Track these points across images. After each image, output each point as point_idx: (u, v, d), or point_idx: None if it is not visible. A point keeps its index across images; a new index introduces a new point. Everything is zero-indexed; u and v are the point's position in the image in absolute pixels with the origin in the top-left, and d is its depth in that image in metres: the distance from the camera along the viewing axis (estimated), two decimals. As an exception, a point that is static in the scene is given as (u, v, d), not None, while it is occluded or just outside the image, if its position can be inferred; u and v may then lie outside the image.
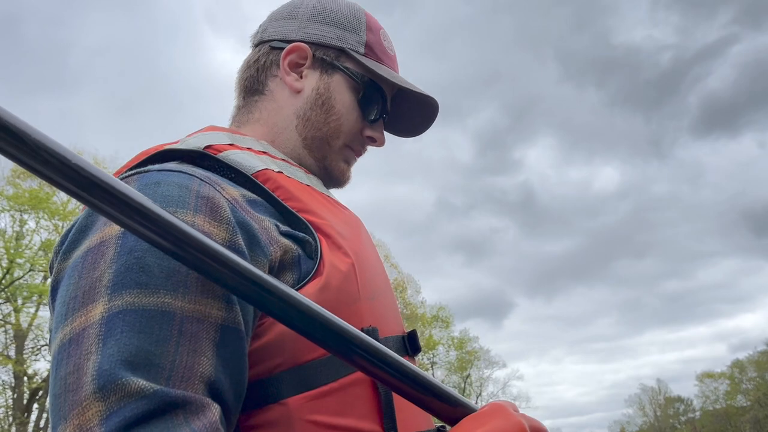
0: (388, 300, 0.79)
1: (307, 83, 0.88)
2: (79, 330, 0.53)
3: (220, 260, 0.50)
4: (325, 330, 0.53)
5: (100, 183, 0.42)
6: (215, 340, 0.56)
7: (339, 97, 0.88)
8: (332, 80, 0.88)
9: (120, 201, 0.44)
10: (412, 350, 0.79)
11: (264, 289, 0.52)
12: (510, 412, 0.58)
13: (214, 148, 0.75)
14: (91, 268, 0.56)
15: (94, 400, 0.48)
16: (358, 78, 0.88)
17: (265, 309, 0.53)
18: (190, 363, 0.53)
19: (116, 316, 0.52)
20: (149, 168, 0.65)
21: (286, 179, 0.75)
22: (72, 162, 0.41)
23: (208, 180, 0.64)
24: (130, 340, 0.51)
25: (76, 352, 0.52)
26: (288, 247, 0.66)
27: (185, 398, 0.51)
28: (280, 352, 0.61)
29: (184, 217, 0.59)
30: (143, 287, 0.54)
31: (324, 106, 0.87)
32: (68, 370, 0.51)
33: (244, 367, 0.58)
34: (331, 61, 0.88)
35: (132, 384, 0.49)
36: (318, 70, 0.89)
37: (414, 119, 0.99)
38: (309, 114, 0.87)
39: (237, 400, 0.58)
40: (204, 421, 0.51)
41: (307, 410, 0.61)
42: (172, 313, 0.54)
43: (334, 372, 0.63)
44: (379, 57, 0.91)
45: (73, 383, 0.50)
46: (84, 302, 0.54)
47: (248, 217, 0.64)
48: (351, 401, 0.64)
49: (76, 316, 0.54)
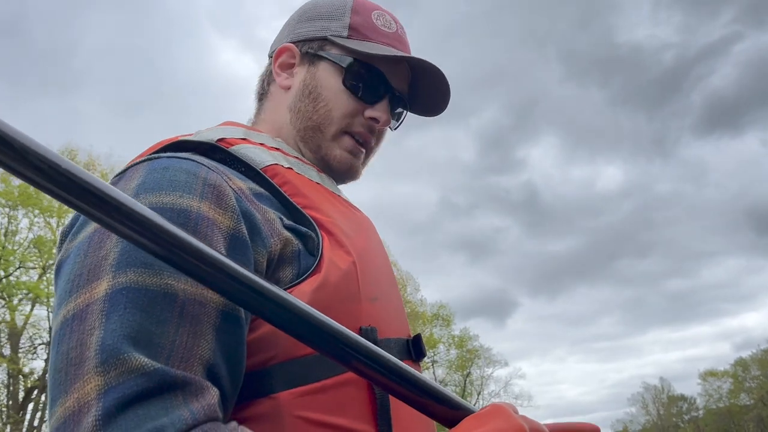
0: (393, 302, 0.79)
1: (296, 78, 0.91)
2: (83, 306, 0.54)
3: (210, 263, 0.49)
4: (312, 330, 0.52)
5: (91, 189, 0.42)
6: (215, 324, 0.56)
7: (325, 84, 0.88)
8: (317, 69, 0.90)
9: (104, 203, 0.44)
10: (416, 355, 0.79)
11: (253, 291, 0.50)
12: (510, 413, 0.58)
13: (227, 142, 0.77)
14: (98, 247, 0.57)
15: (94, 374, 0.49)
16: (339, 61, 0.88)
17: (256, 311, 0.52)
18: (189, 344, 0.54)
19: (120, 293, 0.53)
20: (160, 155, 0.66)
21: (294, 175, 0.77)
22: (62, 168, 0.41)
23: (215, 169, 0.65)
24: (132, 316, 0.52)
25: (79, 327, 0.52)
26: (289, 241, 0.67)
27: (185, 379, 0.51)
28: (273, 346, 0.61)
29: (191, 201, 0.60)
30: (148, 267, 0.55)
31: (311, 95, 0.89)
32: (71, 344, 0.52)
33: (242, 355, 0.59)
34: (314, 52, 0.90)
35: (133, 360, 0.49)
36: (306, 65, 0.91)
37: (432, 95, 0.96)
38: (299, 105, 0.89)
39: (234, 388, 0.58)
40: (203, 403, 0.51)
41: (297, 406, 0.60)
42: (174, 295, 0.54)
43: (329, 369, 0.63)
44: (366, 36, 0.89)
45: (75, 357, 0.51)
46: (89, 279, 0.55)
47: (252, 208, 0.65)
48: (344, 400, 0.64)
49: (81, 292, 0.55)
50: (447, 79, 0.93)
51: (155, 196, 0.59)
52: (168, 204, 0.58)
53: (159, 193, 0.59)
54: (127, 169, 0.65)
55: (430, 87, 0.94)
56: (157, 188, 0.60)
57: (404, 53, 0.90)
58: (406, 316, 0.85)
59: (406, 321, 0.83)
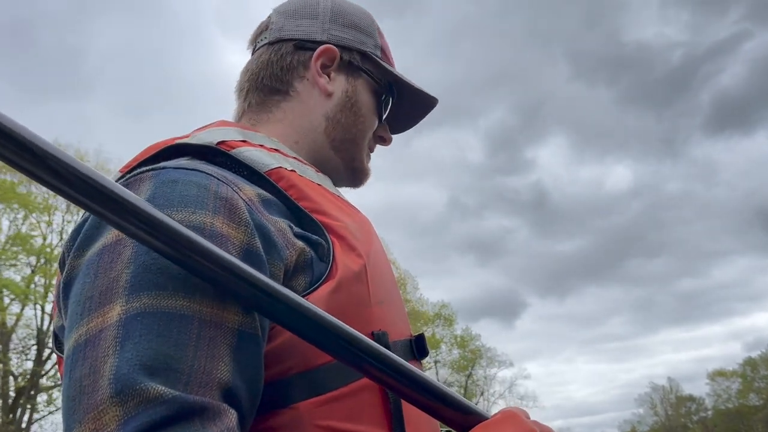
0: (397, 303, 0.81)
1: (337, 86, 0.92)
2: (95, 331, 0.53)
3: (230, 269, 0.51)
4: (330, 337, 0.54)
5: (110, 194, 0.43)
6: (233, 345, 0.56)
7: (364, 100, 0.94)
8: (358, 83, 0.93)
9: (126, 210, 0.45)
10: (419, 354, 0.80)
11: (272, 298, 0.52)
12: (522, 419, 0.59)
13: (227, 144, 0.75)
14: (108, 267, 0.56)
15: (111, 404, 0.49)
16: (380, 81, 0.95)
17: (274, 318, 0.54)
18: (208, 368, 0.54)
19: (134, 319, 0.53)
20: (164, 165, 0.65)
21: (298, 178, 0.77)
22: (80, 172, 0.42)
23: (225, 180, 0.65)
24: (149, 343, 0.52)
25: (92, 353, 0.52)
26: (302, 250, 0.67)
27: (203, 404, 0.51)
28: (291, 356, 0.62)
29: (203, 218, 0.59)
30: (161, 289, 0.54)
31: (353, 109, 0.93)
32: (84, 372, 0.52)
33: (260, 373, 0.59)
34: (357, 64, 0.93)
35: (150, 390, 0.49)
36: (344, 74, 0.93)
37: (410, 116, 1.05)
38: (339, 117, 0.92)
39: (252, 406, 0.59)
40: (221, 427, 0.52)
41: (317, 415, 0.62)
42: (190, 317, 0.54)
43: (345, 376, 0.64)
44: (390, 61, 0.98)
45: (89, 386, 0.51)
46: (101, 303, 0.55)
47: (265, 220, 0.65)
48: (361, 407, 0.65)
49: (93, 316, 0.54)
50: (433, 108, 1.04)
51: (167, 213, 0.58)
52: (180, 221, 0.58)
53: (170, 210, 0.58)
54: (130, 179, 0.64)
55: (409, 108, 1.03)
56: (168, 204, 0.59)
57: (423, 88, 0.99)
58: (407, 316, 0.87)
59: (407, 321, 0.85)
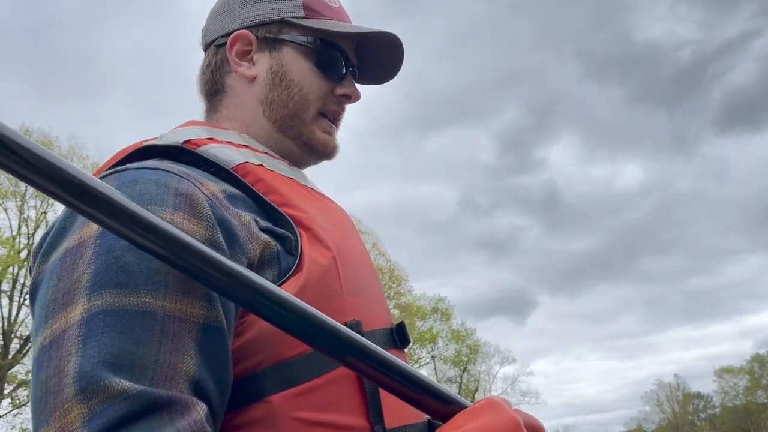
0: (375, 292, 0.83)
1: (260, 67, 0.92)
2: (59, 332, 0.56)
3: (202, 258, 0.53)
4: (307, 325, 0.57)
5: (78, 183, 0.46)
6: (198, 339, 0.59)
7: (295, 68, 0.91)
8: (282, 54, 0.91)
9: (98, 200, 0.48)
10: (400, 342, 0.83)
11: (245, 286, 0.55)
12: (504, 407, 0.62)
13: (193, 143, 0.79)
14: (70, 269, 0.59)
15: (76, 402, 0.52)
16: (306, 43, 0.91)
17: (248, 306, 0.57)
18: (173, 362, 0.56)
19: (96, 317, 0.56)
20: (127, 166, 0.68)
21: (266, 172, 0.79)
22: (48, 161, 0.45)
23: (186, 176, 0.67)
24: (111, 340, 0.55)
25: (56, 354, 0.55)
26: (267, 244, 0.69)
27: (170, 398, 0.54)
28: (261, 349, 0.65)
29: (163, 215, 0.62)
30: (123, 287, 0.57)
31: (283, 83, 0.91)
32: (49, 373, 0.55)
33: (228, 366, 0.62)
34: (274, 36, 0.91)
35: (115, 385, 0.52)
36: (266, 51, 0.92)
37: (382, 63, 1.01)
38: (272, 95, 0.91)
39: (222, 399, 0.62)
40: (189, 420, 0.54)
41: (291, 407, 0.64)
42: (153, 313, 0.57)
43: (317, 367, 0.67)
44: (321, 13, 0.93)
45: (54, 386, 0.54)
46: (63, 304, 0.58)
47: (227, 214, 0.67)
48: (336, 397, 0.68)
49: (56, 318, 0.57)
50: (403, 48, 0.98)
51: None
52: None
53: None
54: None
55: (379, 57, 0.99)
56: None
57: (365, 29, 0.93)
58: (388, 305, 0.89)
59: (388, 310, 0.87)
